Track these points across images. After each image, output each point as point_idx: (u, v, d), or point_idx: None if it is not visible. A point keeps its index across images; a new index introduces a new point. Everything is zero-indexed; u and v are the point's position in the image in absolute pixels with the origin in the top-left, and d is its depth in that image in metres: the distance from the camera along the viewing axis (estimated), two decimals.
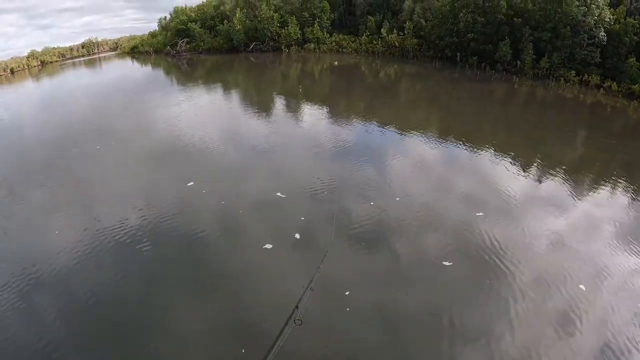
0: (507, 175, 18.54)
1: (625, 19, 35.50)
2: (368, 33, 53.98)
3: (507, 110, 30.90)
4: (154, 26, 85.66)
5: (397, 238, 13.88)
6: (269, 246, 13.45)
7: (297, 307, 8.21)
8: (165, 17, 79.21)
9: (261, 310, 10.76)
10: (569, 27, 36.20)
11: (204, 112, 32.27)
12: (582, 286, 11.45)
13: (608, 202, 16.67)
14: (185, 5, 75.57)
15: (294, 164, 20.81)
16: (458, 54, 43.51)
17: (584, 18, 35.69)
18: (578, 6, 35.91)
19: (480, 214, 15.08)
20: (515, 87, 36.26)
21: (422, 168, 19.83)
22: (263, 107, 33.60)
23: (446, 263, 12.42)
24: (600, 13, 35.51)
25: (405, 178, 18.52)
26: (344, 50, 55.09)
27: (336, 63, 47.98)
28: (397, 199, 16.37)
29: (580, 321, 10.37)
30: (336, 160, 20.81)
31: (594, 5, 35.61)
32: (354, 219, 14.94)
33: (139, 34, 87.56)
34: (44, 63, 68.83)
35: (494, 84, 37.50)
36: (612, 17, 35.73)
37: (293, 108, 32.80)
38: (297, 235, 13.94)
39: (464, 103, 32.19)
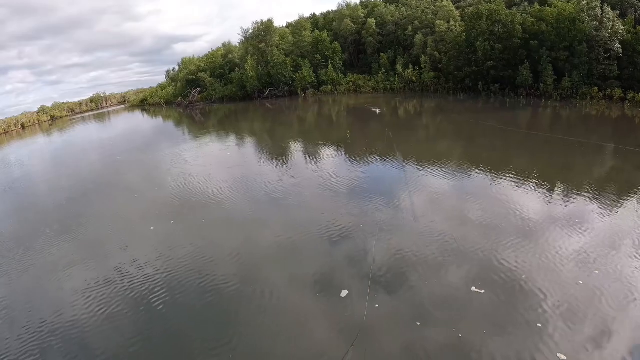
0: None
1: (635, 27, 36.21)
2: (383, 71, 54.81)
3: (562, 135, 26.90)
4: (160, 79, 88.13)
5: None
6: None
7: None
8: (174, 68, 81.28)
9: None
10: (585, 44, 36.60)
11: (256, 179, 23.08)
12: None
13: None
14: (193, 56, 77.68)
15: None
16: (480, 83, 43.88)
17: (597, 33, 36.24)
18: (590, 22, 36.57)
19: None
20: (548, 111, 35.45)
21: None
22: (327, 164, 24.66)
23: None
24: (613, 26, 36.08)
25: None
26: (361, 90, 55.41)
27: (378, 111, 42.43)
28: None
29: None
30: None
31: (606, 19, 36.20)
32: None
33: (146, 87, 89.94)
34: (54, 118, 69.28)
35: (525, 110, 36.58)
36: (623, 27, 36.25)
37: (368, 164, 23.93)
38: None
39: (515, 136, 28.35)
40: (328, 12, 71.34)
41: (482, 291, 10.75)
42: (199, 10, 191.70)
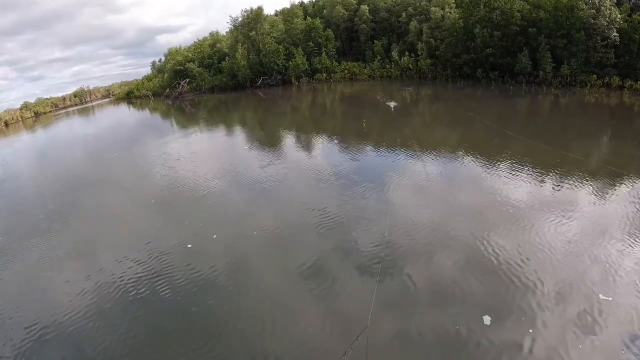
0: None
1: (630, 16, 36.65)
2: (379, 58, 54.17)
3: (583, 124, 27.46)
4: (144, 71, 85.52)
5: None
6: None
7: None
8: (160, 59, 78.84)
9: None
10: (582, 32, 36.80)
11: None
12: None
13: None
14: (180, 46, 75.35)
15: None
16: (479, 70, 43.78)
17: (594, 21, 36.42)
18: (587, 9, 36.68)
19: None
20: (552, 98, 35.49)
21: None
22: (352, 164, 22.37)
23: None
24: (610, 14, 36.27)
25: None
26: (357, 77, 54.54)
27: (392, 105, 38.02)
28: None
29: None
30: None
31: (603, 7, 36.40)
32: None
33: (130, 79, 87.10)
34: (37, 114, 66.67)
35: (529, 97, 36.55)
36: (620, 15, 36.50)
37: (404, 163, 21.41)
38: None
39: (538, 124, 28.11)
40: (317, 0, 69.89)
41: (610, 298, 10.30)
42: (181, 1, 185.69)
